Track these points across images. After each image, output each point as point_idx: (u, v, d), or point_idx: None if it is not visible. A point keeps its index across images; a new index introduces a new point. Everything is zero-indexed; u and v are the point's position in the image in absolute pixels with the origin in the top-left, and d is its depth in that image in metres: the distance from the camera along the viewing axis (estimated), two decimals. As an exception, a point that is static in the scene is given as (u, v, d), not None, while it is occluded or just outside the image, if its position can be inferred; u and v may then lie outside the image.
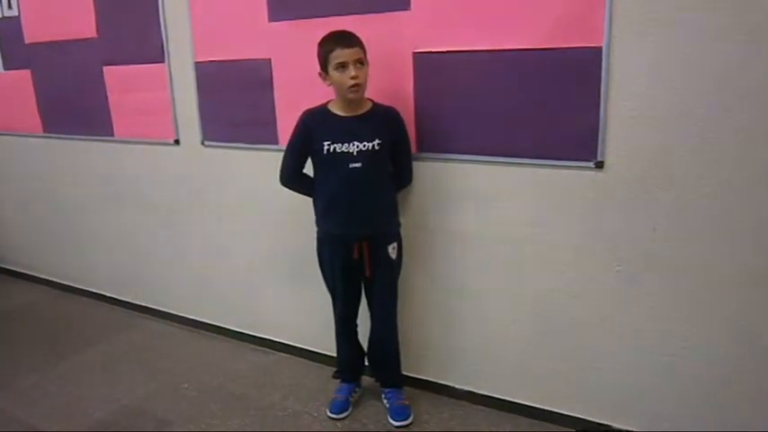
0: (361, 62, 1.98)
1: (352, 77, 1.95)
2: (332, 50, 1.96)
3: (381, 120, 2.08)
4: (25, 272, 3.89)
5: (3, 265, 4.02)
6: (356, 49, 1.96)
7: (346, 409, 2.32)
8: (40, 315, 3.40)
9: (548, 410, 2.19)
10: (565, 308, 2.07)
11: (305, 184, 2.21)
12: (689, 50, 1.69)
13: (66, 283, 3.66)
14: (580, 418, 2.13)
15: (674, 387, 1.95)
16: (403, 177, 2.20)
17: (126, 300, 3.37)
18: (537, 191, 2.02)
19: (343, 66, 1.95)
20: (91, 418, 2.37)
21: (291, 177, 2.21)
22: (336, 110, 2.08)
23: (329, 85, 2.02)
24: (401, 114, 2.12)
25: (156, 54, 2.74)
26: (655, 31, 1.72)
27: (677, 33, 1.69)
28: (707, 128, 1.71)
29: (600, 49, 1.79)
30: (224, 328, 2.99)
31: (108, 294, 3.45)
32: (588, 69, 1.82)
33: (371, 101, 2.10)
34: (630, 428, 2.05)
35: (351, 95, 2.00)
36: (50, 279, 3.74)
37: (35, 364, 2.81)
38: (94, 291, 3.51)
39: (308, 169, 2.20)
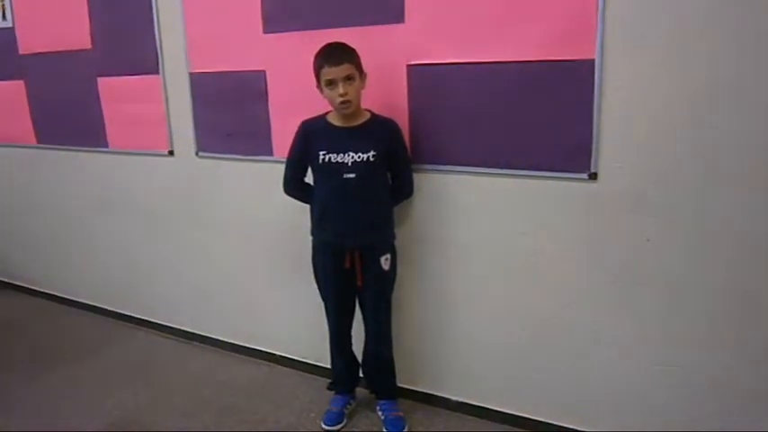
0: (351, 78, 1.98)
1: (341, 95, 1.96)
2: (322, 67, 1.98)
3: (378, 131, 2.08)
4: (17, 283, 3.87)
5: (-6, 277, 4.00)
6: (345, 66, 1.96)
7: (341, 421, 2.31)
8: (33, 327, 3.37)
9: (541, 421, 2.19)
10: (558, 319, 2.08)
11: (307, 193, 2.21)
12: (681, 63, 1.71)
13: (57, 294, 3.63)
14: (573, 429, 2.13)
15: (667, 398, 1.95)
16: (402, 190, 2.20)
17: (119, 311, 3.35)
18: (530, 202, 2.03)
19: (332, 83, 1.97)
20: (84, 430, 2.35)
21: (292, 186, 2.24)
22: (334, 120, 2.10)
23: (325, 98, 2.04)
24: (400, 126, 2.12)
25: (151, 65, 2.74)
26: (647, 43, 1.74)
27: (669, 46, 1.71)
28: (700, 139, 1.73)
29: (593, 61, 1.81)
30: (218, 340, 2.98)
31: (101, 306, 3.43)
32: (581, 82, 1.83)
33: (370, 112, 2.11)
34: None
35: (341, 111, 2.02)
36: (42, 290, 3.71)
37: (27, 376, 2.78)
38: (87, 302, 3.49)
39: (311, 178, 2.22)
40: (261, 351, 2.83)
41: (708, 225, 1.77)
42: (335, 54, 1.98)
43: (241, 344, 2.90)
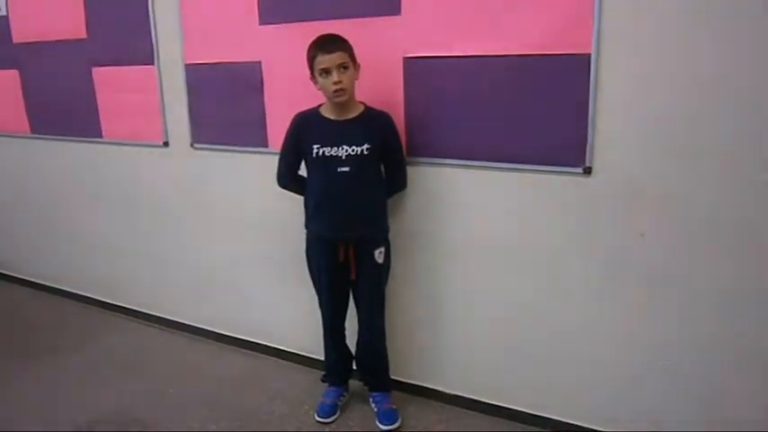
0: (345, 66, 1.97)
1: (335, 83, 1.96)
2: (315, 56, 1.98)
3: (372, 124, 2.08)
4: (9, 273, 3.85)
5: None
6: (338, 54, 1.96)
7: (334, 414, 2.31)
8: (25, 317, 3.37)
9: (534, 414, 2.20)
10: (551, 312, 2.08)
11: (301, 185, 2.21)
12: (676, 57, 1.71)
13: (50, 284, 3.62)
14: (566, 422, 2.14)
15: (658, 391, 1.96)
16: (396, 182, 2.20)
17: (111, 302, 3.34)
18: (525, 196, 2.03)
19: (326, 71, 1.96)
20: (75, 421, 2.35)
21: (286, 179, 2.23)
22: (327, 113, 2.09)
23: (319, 89, 2.03)
24: (394, 119, 2.12)
25: (146, 56, 2.73)
26: (642, 38, 1.74)
27: (664, 41, 1.71)
28: (694, 134, 1.73)
29: (588, 56, 1.80)
30: (210, 332, 2.97)
31: (93, 296, 3.42)
32: (577, 76, 1.83)
33: (364, 105, 2.11)
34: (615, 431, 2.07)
35: (336, 100, 2.01)
36: (35, 281, 3.70)
37: (16, 367, 2.78)
38: (79, 293, 3.48)
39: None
40: (254, 343, 2.83)
41: (702, 220, 1.78)
42: (329, 43, 1.98)
43: (234, 335, 2.90)
